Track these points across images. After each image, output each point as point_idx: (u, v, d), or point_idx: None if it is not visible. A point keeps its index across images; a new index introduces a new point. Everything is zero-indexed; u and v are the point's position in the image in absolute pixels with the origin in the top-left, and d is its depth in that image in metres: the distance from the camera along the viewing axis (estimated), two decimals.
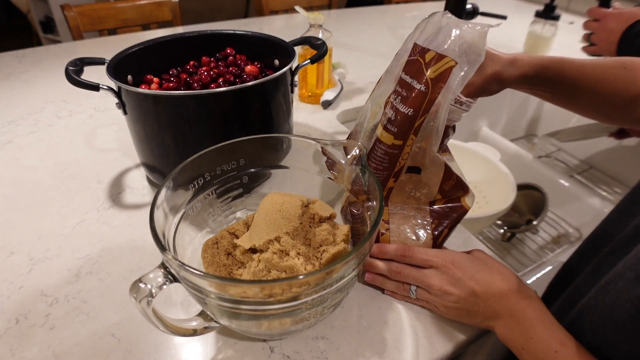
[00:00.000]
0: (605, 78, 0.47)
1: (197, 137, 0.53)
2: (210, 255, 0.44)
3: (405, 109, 0.41)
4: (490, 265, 0.42)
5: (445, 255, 0.43)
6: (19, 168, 0.67)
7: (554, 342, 0.35)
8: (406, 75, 0.42)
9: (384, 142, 0.43)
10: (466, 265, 0.42)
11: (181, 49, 0.65)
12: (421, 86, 0.40)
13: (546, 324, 0.37)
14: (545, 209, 0.87)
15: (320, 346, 0.42)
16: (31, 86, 0.94)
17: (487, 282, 0.40)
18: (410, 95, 0.41)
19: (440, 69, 0.39)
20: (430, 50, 0.40)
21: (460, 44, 0.39)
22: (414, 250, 0.44)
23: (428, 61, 0.40)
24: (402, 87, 0.42)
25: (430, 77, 0.39)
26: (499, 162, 0.83)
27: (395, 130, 0.42)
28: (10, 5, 2.93)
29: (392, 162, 0.44)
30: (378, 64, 1.11)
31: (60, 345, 0.41)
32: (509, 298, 0.39)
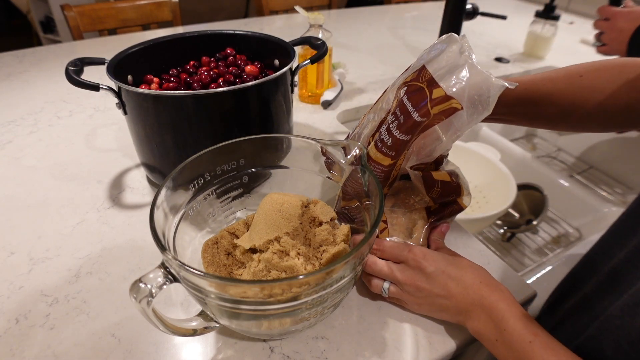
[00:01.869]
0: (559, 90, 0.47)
1: (197, 137, 0.53)
2: (210, 255, 0.44)
3: (401, 136, 0.41)
4: (460, 260, 0.43)
5: (417, 250, 0.43)
6: (19, 168, 0.67)
7: (527, 333, 0.35)
8: (408, 101, 0.41)
9: (381, 164, 0.43)
10: (438, 259, 0.42)
11: (181, 49, 0.65)
12: (421, 119, 0.40)
13: (518, 316, 0.37)
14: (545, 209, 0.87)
15: (320, 346, 0.42)
16: (31, 86, 0.94)
17: (459, 276, 0.41)
18: (408, 124, 0.41)
19: (445, 107, 0.39)
20: (440, 87, 0.39)
21: (471, 93, 0.38)
22: (386, 244, 0.44)
23: (434, 98, 0.39)
24: (401, 113, 0.41)
25: (434, 112, 0.39)
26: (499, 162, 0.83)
27: (392, 154, 0.42)
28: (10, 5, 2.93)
29: (387, 176, 0.45)
30: (378, 64, 1.11)
31: (60, 345, 0.41)
32: (480, 291, 0.39)
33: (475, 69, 0.39)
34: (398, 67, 1.09)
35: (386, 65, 1.10)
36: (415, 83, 0.42)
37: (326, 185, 0.49)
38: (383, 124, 0.44)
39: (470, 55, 0.40)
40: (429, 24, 1.48)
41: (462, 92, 0.38)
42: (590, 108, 0.46)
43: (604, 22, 0.83)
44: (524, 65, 1.16)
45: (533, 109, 0.49)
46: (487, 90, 0.38)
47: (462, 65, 0.39)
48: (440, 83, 0.39)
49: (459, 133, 0.40)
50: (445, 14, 0.96)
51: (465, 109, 0.38)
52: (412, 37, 1.33)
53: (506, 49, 1.26)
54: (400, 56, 1.17)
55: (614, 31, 0.80)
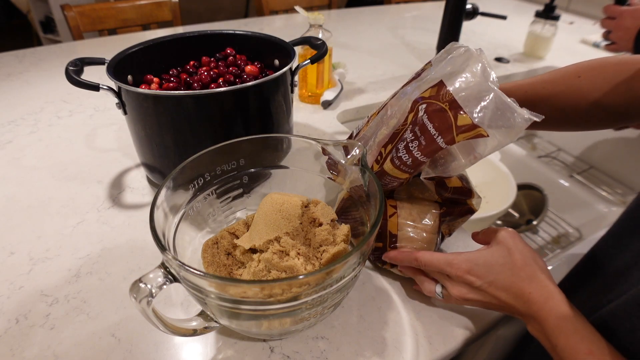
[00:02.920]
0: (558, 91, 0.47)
1: (197, 137, 0.53)
2: (210, 255, 0.44)
3: (421, 157, 0.40)
4: (512, 261, 0.39)
5: (459, 265, 0.40)
6: (19, 168, 0.67)
7: (581, 350, 0.33)
8: (430, 123, 0.39)
9: (398, 178, 0.43)
10: (482, 272, 0.39)
11: (181, 49, 0.65)
12: (445, 146, 0.39)
13: (570, 331, 0.35)
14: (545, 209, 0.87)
15: (320, 346, 0.42)
16: (31, 86, 0.94)
17: (507, 286, 0.38)
18: (430, 147, 0.39)
19: (470, 136, 0.38)
20: (465, 114, 0.38)
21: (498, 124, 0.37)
22: (426, 259, 0.42)
23: (460, 125, 0.38)
24: (421, 133, 0.40)
25: (458, 140, 0.38)
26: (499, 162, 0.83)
27: (411, 171, 0.42)
28: (10, 5, 2.93)
29: (398, 185, 0.45)
30: (378, 64, 1.11)
31: (60, 345, 0.41)
32: (531, 302, 0.37)
33: (502, 98, 0.38)
34: (398, 67, 1.09)
35: (386, 65, 1.10)
36: (435, 102, 0.40)
37: (326, 185, 0.49)
38: (399, 139, 0.43)
39: (494, 79, 0.39)
40: (429, 24, 1.48)
41: (489, 120, 0.37)
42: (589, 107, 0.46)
43: (611, 20, 0.83)
44: (524, 65, 1.16)
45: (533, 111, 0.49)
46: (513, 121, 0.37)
47: (488, 92, 0.38)
48: (465, 109, 0.38)
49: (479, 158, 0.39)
50: (445, 14, 0.97)
51: (490, 136, 0.37)
52: (412, 37, 1.33)
53: (506, 49, 1.26)
54: (400, 56, 1.17)
55: (621, 30, 0.80)
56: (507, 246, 0.39)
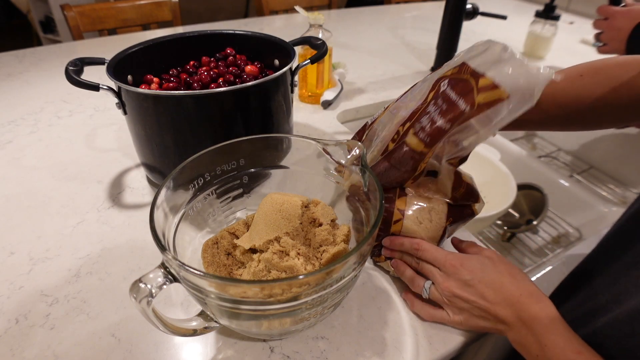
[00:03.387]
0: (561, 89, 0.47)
1: (197, 137, 0.53)
2: (210, 255, 0.44)
3: (443, 123, 0.41)
4: (501, 267, 0.41)
5: (453, 256, 0.42)
6: (19, 168, 0.67)
7: (569, 350, 0.34)
8: (452, 91, 0.42)
9: (413, 148, 0.43)
10: (475, 267, 0.41)
11: (181, 49, 0.65)
12: (466, 107, 0.40)
13: (560, 331, 0.36)
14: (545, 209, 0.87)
15: (320, 346, 0.42)
16: (31, 86, 0.94)
17: (497, 286, 0.39)
18: (452, 112, 0.41)
19: (491, 97, 0.39)
20: (486, 76, 0.40)
21: (518, 82, 0.38)
22: (426, 246, 0.44)
23: (481, 86, 0.39)
24: (444, 101, 0.42)
25: (479, 102, 0.39)
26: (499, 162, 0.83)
27: (427, 140, 0.42)
28: (10, 5, 2.93)
29: (415, 165, 0.44)
30: (378, 64, 1.11)
31: (60, 345, 0.41)
32: (520, 303, 0.38)
33: (520, 61, 0.39)
34: (398, 67, 1.09)
35: (386, 65, 1.10)
36: (457, 76, 0.42)
37: (326, 185, 0.49)
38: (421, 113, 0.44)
39: (512, 51, 0.40)
40: (429, 24, 1.48)
41: (510, 80, 0.38)
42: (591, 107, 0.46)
43: (604, 21, 0.83)
44: None
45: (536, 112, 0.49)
46: (534, 80, 0.38)
47: (507, 59, 0.40)
48: (486, 74, 0.40)
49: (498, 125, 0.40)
50: (445, 14, 0.97)
51: (511, 98, 0.38)
52: (412, 37, 1.33)
53: None
54: (400, 56, 1.17)
55: (613, 30, 0.80)
56: (494, 260, 0.42)
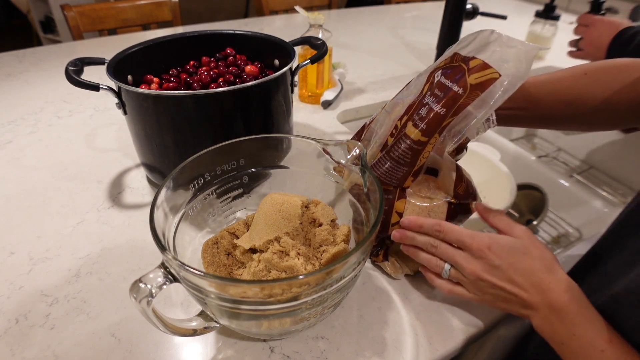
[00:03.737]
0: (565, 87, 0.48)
1: (197, 137, 0.53)
2: (210, 255, 0.44)
3: (438, 108, 0.41)
4: (532, 250, 0.39)
5: (481, 239, 0.40)
6: (19, 168, 0.67)
7: (599, 340, 0.33)
8: (446, 79, 0.42)
9: (411, 137, 0.43)
10: (504, 251, 0.39)
11: (181, 49, 0.65)
12: (459, 89, 0.40)
13: (590, 320, 0.35)
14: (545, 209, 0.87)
15: (320, 346, 0.42)
16: (31, 86, 0.94)
17: (527, 271, 0.38)
18: (446, 96, 0.41)
19: (483, 77, 0.39)
20: (476, 58, 0.40)
21: (507, 61, 0.39)
22: (449, 227, 0.42)
23: (472, 67, 0.40)
24: (439, 90, 0.42)
25: (471, 82, 0.40)
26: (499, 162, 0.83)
27: (424, 127, 0.42)
28: (10, 5, 2.93)
29: (414, 157, 0.43)
30: (378, 64, 1.11)
31: (60, 345, 0.41)
32: (551, 291, 0.37)
33: (508, 39, 0.40)
34: (398, 67, 1.09)
35: (386, 65, 1.10)
36: (449, 65, 0.44)
37: (326, 185, 0.49)
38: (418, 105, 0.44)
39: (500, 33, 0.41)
40: (429, 24, 1.48)
41: (499, 59, 0.39)
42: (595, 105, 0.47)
43: (584, 28, 0.86)
44: None
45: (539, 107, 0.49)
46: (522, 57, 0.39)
47: (494, 40, 0.41)
48: (476, 55, 0.41)
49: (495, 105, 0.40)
50: (445, 14, 0.96)
51: (503, 76, 0.39)
52: (412, 37, 1.33)
53: None
54: (400, 56, 1.17)
55: (591, 37, 0.84)
56: (525, 242, 0.39)
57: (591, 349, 0.33)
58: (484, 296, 0.41)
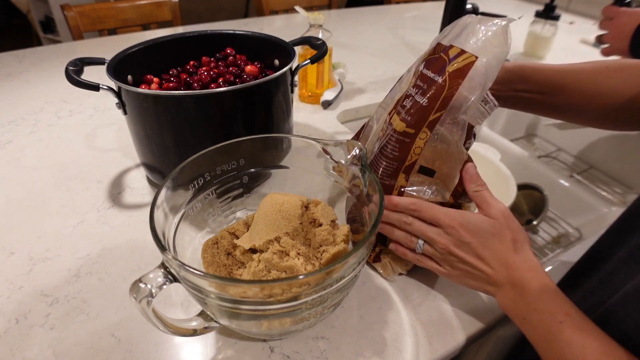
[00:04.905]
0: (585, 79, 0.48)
1: (197, 137, 0.53)
2: (210, 255, 0.44)
3: (421, 100, 0.42)
4: (504, 232, 0.40)
5: (454, 216, 0.41)
6: (19, 168, 0.67)
7: (558, 313, 0.35)
8: (428, 70, 0.43)
9: (396, 129, 0.43)
10: (475, 230, 0.40)
11: (181, 49, 0.65)
12: (439, 79, 0.41)
13: (551, 295, 0.36)
14: (545, 209, 0.87)
15: (320, 346, 0.42)
16: (31, 86, 0.94)
17: (495, 250, 0.39)
18: (429, 88, 0.42)
19: (460, 64, 0.40)
20: (454, 46, 0.41)
21: (481, 39, 0.40)
22: (424, 205, 0.43)
23: (452, 57, 0.41)
24: (423, 82, 0.43)
25: (449, 70, 0.40)
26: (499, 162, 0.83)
27: (408, 118, 0.43)
28: (10, 5, 2.93)
29: (403, 151, 0.43)
30: (378, 64, 1.11)
31: (60, 345, 0.41)
32: (515, 269, 0.38)
33: (480, 19, 0.41)
34: (398, 67, 1.09)
35: (386, 65, 1.10)
36: (432, 56, 0.44)
37: (326, 185, 0.49)
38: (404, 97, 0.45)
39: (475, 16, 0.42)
40: (429, 24, 1.48)
41: (473, 41, 0.40)
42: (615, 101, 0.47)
43: (609, 22, 0.83)
44: None
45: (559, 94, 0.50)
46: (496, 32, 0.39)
47: (469, 22, 0.41)
48: (453, 43, 0.41)
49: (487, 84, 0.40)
50: (445, 14, 0.96)
51: (480, 57, 0.39)
52: (412, 37, 1.33)
53: None
54: (400, 56, 1.17)
55: (616, 29, 0.80)
56: (500, 224, 0.40)
57: (550, 321, 0.35)
58: (453, 271, 0.42)
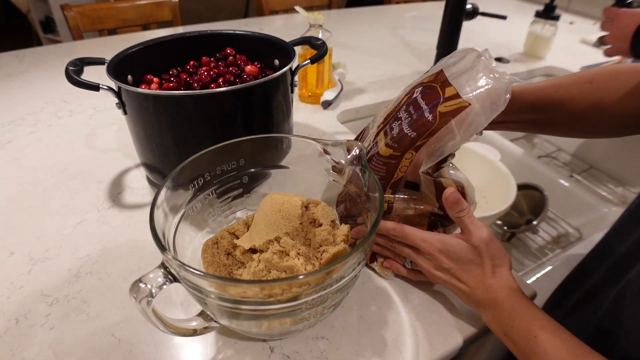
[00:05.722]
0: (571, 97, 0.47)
1: (197, 137, 0.53)
2: (210, 255, 0.44)
3: (410, 132, 0.42)
4: (484, 260, 0.41)
5: (432, 242, 0.42)
6: (19, 168, 0.67)
7: (533, 327, 0.36)
8: (422, 99, 0.43)
9: (383, 155, 0.44)
10: (455, 255, 0.41)
11: (181, 49, 0.65)
12: (430, 116, 0.41)
13: (524, 312, 0.38)
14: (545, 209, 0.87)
15: (320, 346, 0.42)
16: (31, 86, 0.94)
17: (474, 274, 0.41)
18: (419, 121, 0.41)
19: (453, 107, 0.40)
20: (452, 86, 0.41)
21: (481, 90, 0.39)
22: (406, 232, 0.44)
23: (447, 96, 0.41)
24: (415, 110, 0.43)
25: (441, 111, 0.40)
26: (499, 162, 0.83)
27: (395, 145, 0.43)
28: (10, 5, 2.93)
29: (390, 171, 0.44)
30: (378, 64, 1.11)
31: (60, 345, 0.41)
32: (492, 290, 0.40)
33: (487, 67, 0.40)
34: (398, 67, 1.09)
35: (386, 65, 1.10)
36: (431, 84, 0.44)
37: (326, 185, 0.49)
38: (392, 118, 0.45)
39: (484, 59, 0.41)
40: (429, 24, 1.48)
41: (472, 89, 0.40)
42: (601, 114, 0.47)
43: (610, 23, 0.83)
44: (524, 65, 1.16)
45: (544, 115, 0.49)
46: (498, 88, 0.39)
47: (477, 67, 0.41)
48: (452, 82, 0.41)
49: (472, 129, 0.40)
50: (445, 14, 0.96)
51: (473, 105, 0.39)
52: (412, 37, 1.33)
53: (506, 49, 1.26)
54: (400, 56, 1.17)
55: (617, 29, 0.80)
56: (480, 251, 0.41)
57: (526, 337, 0.36)
58: (444, 284, 0.44)
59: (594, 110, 0.47)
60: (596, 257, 0.45)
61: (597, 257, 0.45)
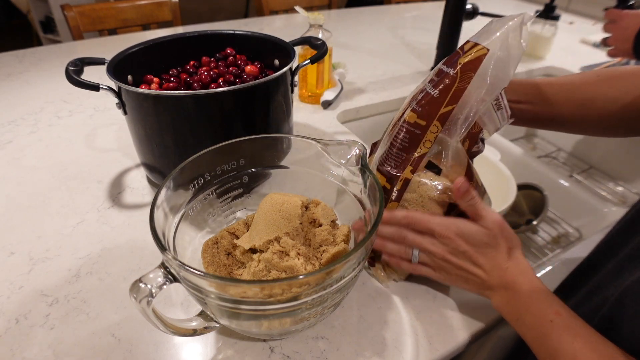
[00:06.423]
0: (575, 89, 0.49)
1: (197, 137, 0.53)
2: (210, 255, 0.44)
3: (432, 91, 0.42)
4: (499, 241, 0.41)
5: (449, 226, 0.41)
6: (19, 168, 0.67)
7: (549, 312, 0.36)
8: (444, 65, 0.43)
9: (407, 120, 0.43)
10: (471, 238, 0.41)
11: (181, 49, 0.65)
12: (451, 71, 0.41)
13: (542, 296, 0.38)
14: (545, 209, 0.87)
15: (320, 346, 0.42)
16: (31, 86, 0.94)
17: (490, 257, 0.41)
18: (442, 80, 0.42)
19: (472, 56, 0.40)
20: (469, 41, 0.42)
21: (497, 35, 0.40)
22: (417, 217, 0.43)
23: (466, 50, 0.41)
24: (437, 75, 0.43)
25: (461, 62, 0.41)
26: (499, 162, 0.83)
27: (419, 109, 0.43)
28: (10, 5, 2.93)
29: (412, 142, 0.43)
30: (378, 64, 1.11)
31: (60, 345, 0.41)
32: (508, 273, 0.40)
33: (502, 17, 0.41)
34: (398, 67, 1.09)
35: (386, 65, 1.10)
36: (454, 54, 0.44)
37: (326, 185, 0.49)
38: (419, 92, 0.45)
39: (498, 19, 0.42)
40: (429, 24, 1.48)
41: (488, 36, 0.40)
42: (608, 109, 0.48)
43: (612, 25, 0.83)
44: (523, 65, 1.16)
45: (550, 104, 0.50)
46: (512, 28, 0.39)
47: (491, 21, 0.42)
48: (471, 40, 0.42)
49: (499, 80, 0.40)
50: (445, 14, 0.96)
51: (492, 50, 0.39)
52: (412, 37, 1.33)
53: None
54: (400, 56, 1.17)
55: (620, 30, 0.81)
56: (495, 234, 0.41)
57: (542, 321, 0.36)
58: (449, 276, 0.43)
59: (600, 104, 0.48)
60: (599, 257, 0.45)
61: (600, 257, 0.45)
